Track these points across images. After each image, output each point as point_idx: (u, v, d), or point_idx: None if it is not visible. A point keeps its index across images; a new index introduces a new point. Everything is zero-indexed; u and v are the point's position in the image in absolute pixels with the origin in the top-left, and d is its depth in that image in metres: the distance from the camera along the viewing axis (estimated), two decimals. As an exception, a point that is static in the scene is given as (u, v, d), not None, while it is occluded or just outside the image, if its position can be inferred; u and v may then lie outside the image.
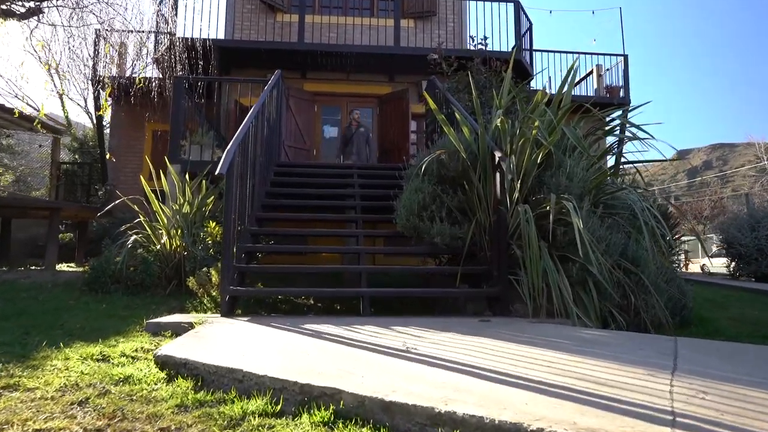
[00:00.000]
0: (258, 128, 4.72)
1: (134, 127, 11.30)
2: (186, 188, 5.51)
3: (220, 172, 3.21)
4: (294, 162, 7.19)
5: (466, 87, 5.61)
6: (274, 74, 6.13)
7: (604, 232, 3.33)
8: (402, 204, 4.18)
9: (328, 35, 9.74)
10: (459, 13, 10.55)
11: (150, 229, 5.31)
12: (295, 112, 9.30)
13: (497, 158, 3.60)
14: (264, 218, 4.81)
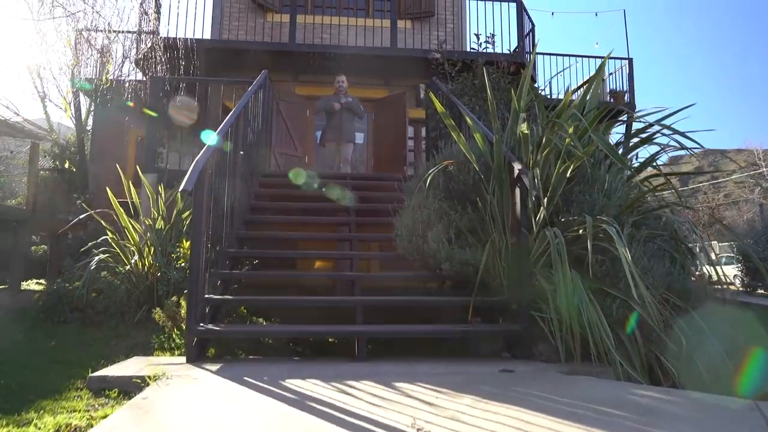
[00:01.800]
0: (239, 134, 4.15)
1: (117, 133, 10.71)
2: (160, 201, 4.93)
3: (186, 188, 2.64)
4: (282, 172, 6.61)
5: (469, 90, 5.08)
6: (261, 74, 5.56)
7: (649, 260, 2.77)
8: (403, 222, 3.62)
9: (321, 36, 9.20)
10: (458, 14, 10.04)
11: (118, 247, 4.72)
12: (286, 117, 8.74)
13: (516, 171, 3.04)
14: (246, 237, 4.24)
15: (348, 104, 7.08)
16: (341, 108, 7.10)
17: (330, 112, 7.19)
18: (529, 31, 9.44)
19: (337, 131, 7.19)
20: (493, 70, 5.08)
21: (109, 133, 10.84)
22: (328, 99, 7.25)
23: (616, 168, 3.17)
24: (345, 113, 7.19)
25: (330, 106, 7.14)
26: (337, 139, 7.23)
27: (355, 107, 7.20)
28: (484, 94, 5.08)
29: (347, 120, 7.22)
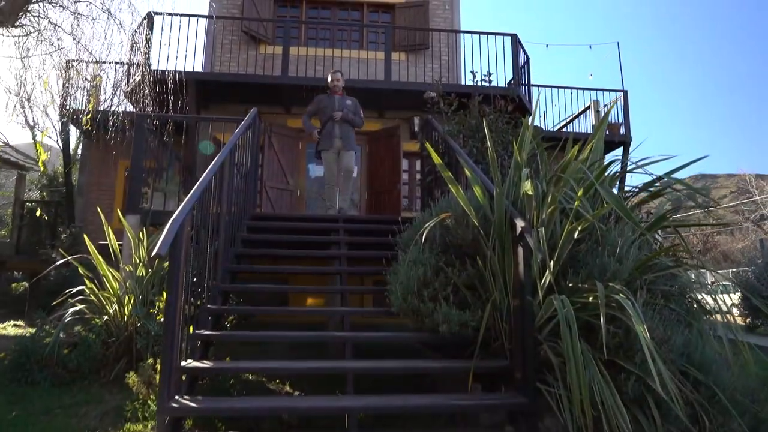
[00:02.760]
0: (224, 180, 3.93)
1: (105, 163, 10.50)
2: (141, 246, 4.68)
3: (159, 252, 2.40)
4: (271, 213, 6.39)
5: (467, 130, 4.90)
6: (249, 113, 5.37)
7: (664, 329, 2.55)
8: (398, 279, 3.38)
9: (314, 68, 9.08)
10: (453, 47, 9.98)
11: (96, 297, 4.45)
12: (278, 150, 8.57)
13: (519, 228, 2.83)
14: (231, 290, 3.99)
15: (345, 116, 6.23)
16: (342, 117, 6.26)
17: (324, 114, 6.35)
18: (524, 63, 9.37)
19: (334, 138, 6.24)
20: (491, 110, 4.91)
21: (97, 164, 10.63)
22: (321, 100, 6.45)
23: (625, 223, 2.96)
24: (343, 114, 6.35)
25: (323, 109, 6.35)
26: (336, 147, 6.27)
27: (353, 118, 6.35)
28: (481, 134, 4.91)
29: (346, 130, 6.33)
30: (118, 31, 7.07)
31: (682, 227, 3.33)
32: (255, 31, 9.41)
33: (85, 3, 6.83)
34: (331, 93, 6.48)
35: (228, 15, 9.62)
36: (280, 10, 10.14)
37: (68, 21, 6.77)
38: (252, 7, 9.53)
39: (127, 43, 7.40)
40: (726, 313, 2.92)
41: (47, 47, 6.78)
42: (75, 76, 8.02)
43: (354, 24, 10.15)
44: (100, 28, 6.92)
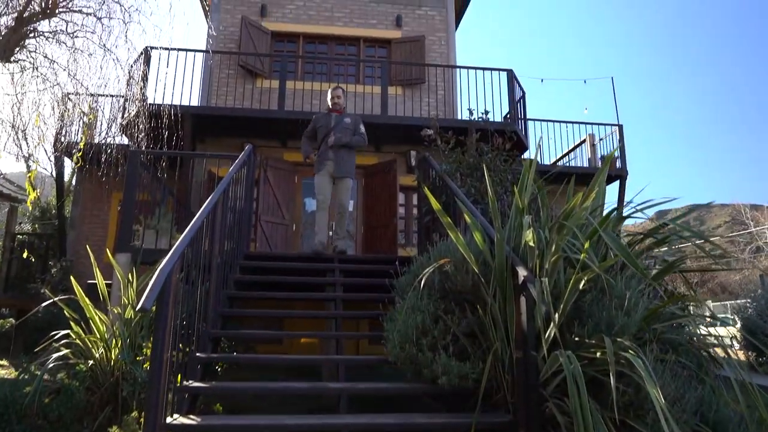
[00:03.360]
0: (217, 222, 3.83)
1: (99, 196, 10.42)
2: (130, 287, 4.54)
3: (145, 306, 2.28)
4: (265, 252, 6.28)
5: (465, 169, 4.84)
6: (244, 150, 5.31)
7: (676, 386, 2.42)
8: (395, 327, 3.25)
9: (310, 102, 9.10)
10: (449, 81, 10.04)
11: (81, 341, 4.29)
12: (274, 184, 8.49)
13: (521, 277, 2.72)
14: (221, 336, 3.84)
15: (338, 141, 5.66)
16: (337, 128, 5.79)
17: (320, 133, 5.89)
18: (520, 98, 9.42)
19: (326, 162, 5.73)
20: (488, 149, 4.86)
21: (90, 196, 10.55)
22: (318, 119, 6.05)
23: (630, 269, 2.86)
24: (342, 132, 5.78)
25: (319, 128, 5.91)
26: (328, 171, 5.74)
27: (349, 141, 5.76)
28: (479, 173, 4.85)
29: (344, 153, 5.77)
30: (114, 66, 7.04)
31: (688, 271, 3.23)
32: (252, 65, 9.44)
33: (82, 38, 6.82)
34: (330, 111, 6.03)
35: (225, 50, 9.67)
36: (277, 45, 10.21)
37: (64, 56, 6.75)
38: (249, 42, 9.59)
39: (124, 77, 7.37)
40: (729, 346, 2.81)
41: (43, 82, 6.76)
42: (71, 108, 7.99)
43: (351, 59, 10.21)
44: (96, 63, 6.90)
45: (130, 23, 6.67)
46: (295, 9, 10.24)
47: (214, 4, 10.10)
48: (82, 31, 6.70)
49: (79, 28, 6.69)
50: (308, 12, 10.24)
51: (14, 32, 6.07)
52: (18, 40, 6.26)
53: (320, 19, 10.23)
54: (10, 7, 6.07)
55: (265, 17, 10.04)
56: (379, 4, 10.45)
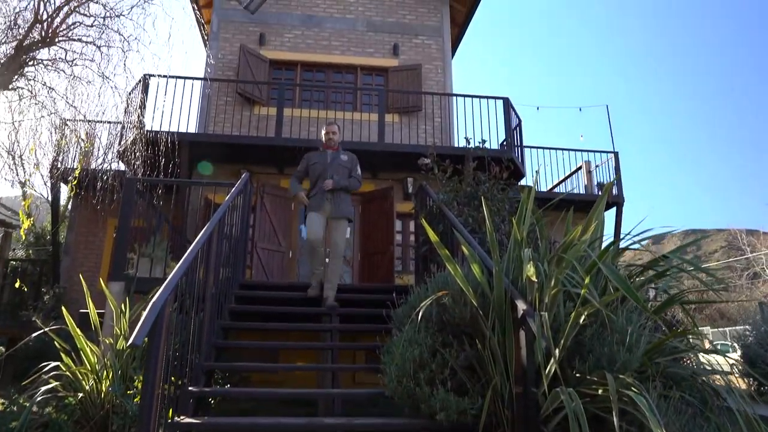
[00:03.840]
0: (212, 252, 3.78)
1: (94, 222, 10.37)
2: (123, 318, 4.47)
3: (135, 342, 2.23)
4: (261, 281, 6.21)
5: (462, 198, 4.82)
6: (241, 178, 5.29)
7: (681, 425, 2.36)
8: (393, 360, 3.19)
9: (308, 129, 9.14)
10: (446, 108, 10.11)
11: (71, 373, 4.20)
12: (270, 211, 8.47)
13: (521, 311, 2.68)
14: (214, 368, 3.77)
15: (337, 184, 5.24)
16: (332, 166, 5.34)
17: (314, 171, 5.40)
18: (517, 125, 9.48)
19: (323, 202, 5.24)
20: (486, 178, 4.86)
21: (85, 222, 10.49)
22: (310, 157, 5.55)
23: (630, 301, 2.82)
24: (338, 170, 5.33)
25: (312, 166, 5.43)
26: (326, 211, 5.25)
27: (347, 184, 5.33)
28: (477, 202, 4.84)
29: (338, 183, 5.29)
30: (112, 94, 7.06)
31: (689, 303, 3.20)
32: (250, 92, 9.51)
33: (81, 66, 6.86)
34: (324, 147, 5.52)
35: (223, 77, 9.74)
36: (275, 73, 10.31)
37: (63, 84, 6.78)
38: (247, 70, 9.67)
39: (122, 105, 7.40)
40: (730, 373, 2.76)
41: (40, 109, 6.77)
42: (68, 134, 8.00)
43: (348, 86, 10.30)
44: (94, 90, 6.92)
45: (129, 51, 6.71)
46: (293, 38, 10.36)
47: (213, 32, 10.21)
48: (81, 59, 6.74)
49: (78, 56, 6.73)
50: (306, 41, 10.37)
51: (13, 60, 6.10)
52: (17, 68, 6.29)
53: (318, 48, 10.35)
54: (9, 36, 6.11)
55: (264, 46, 10.15)
56: (376, 33, 10.59)
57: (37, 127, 6.73)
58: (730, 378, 2.75)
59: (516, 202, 4.83)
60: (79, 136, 7.71)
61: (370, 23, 10.63)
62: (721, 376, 2.81)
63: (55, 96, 6.91)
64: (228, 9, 10.30)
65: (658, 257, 2.93)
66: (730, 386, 2.75)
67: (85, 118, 7.00)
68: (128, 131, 7.96)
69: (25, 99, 6.70)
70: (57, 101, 6.94)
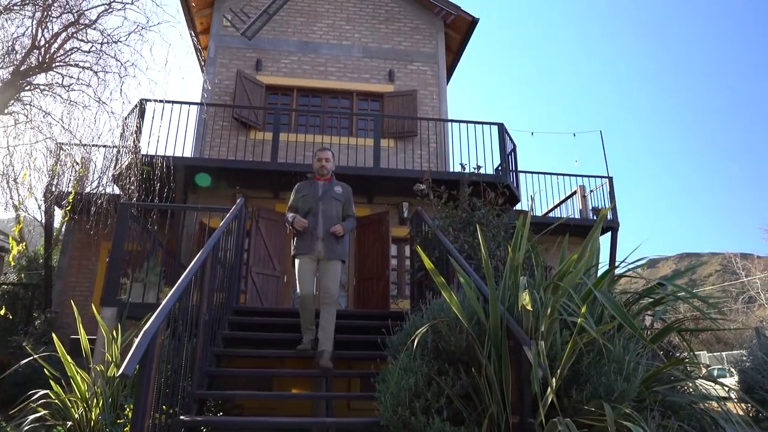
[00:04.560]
0: (206, 278, 3.76)
1: (87, 245, 10.29)
2: (114, 346, 4.41)
3: (125, 372, 2.19)
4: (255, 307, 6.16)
5: (457, 224, 4.83)
6: (236, 203, 5.29)
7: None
8: (388, 388, 3.15)
9: (303, 154, 9.19)
10: (441, 133, 10.20)
11: (60, 401, 4.12)
12: (265, 236, 8.45)
13: (517, 339, 2.66)
14: (207, 397, 3.71)
15: (337, 231, 4.48)
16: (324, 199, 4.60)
17: (304, 204, 4.64)
18: (511, 150, 9.55)
19: (314, 241, 4.47)
20: (481, 204, 4.87)
21: (78, 246, 10.43)
22: (300, 189, 4.77)
23: (628, 330, 2.81)
24: (331, 204, 4.60)
25: (302, 198, 4.67)
26: (317, 253, 4.47)
27: (347, 226, 4.61)
28: (472, 228, 4.84)
29: (332, 218, 4.56)
30: (108, 119, 7.08)
31: (686, 331, 3.18)
32: (246, 117, 9.56)
33: (78, 91, 6.89)
34: (314, 178, 4.78)
35: (220, 102, 9.81)
36: (271, 98, 10.38)
37: (59, 108, 6.80)
38: (244, 95, 9.75)
39: (117, 129, 7.42)
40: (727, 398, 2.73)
41: (36, 134, 6.78)
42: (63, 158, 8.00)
43: (344, 112, 10.39)
44: (90, 115, 6.95)
45: (126, 77, 6.75)
46: (289, 63, 10.47)
47: (210, 57, 10.31)
48: (78, 84, 6.77)
49: (75, 81, 6.77)
50: (302, 66, 10.48)
51: (10, 86, 6.13)
52: (13, 93, 6.32)
53: (314, 74, 10.46)
54: (6, 61, 6.15)
55: (260, 71, 10.25)
56: (372, 60, 10.72)
57: (32, 151, 6.73)
58: (728, 405, 2.72)
59: (512, 227, 4.84)
60: (74, 161, 7.72)
61: (366, 50, 10.78)
62: (719, 404, 2.79)
63: (50, 120, 6.94)
64: (225, 35, 10.43)
65: (654, 284, 2.92)
66: (728, 414, 2.73)
67: (80, 142, 7.02)
68: (124, 156, 7.97)
69: (20, 123, 6.72)
70: (53, 126, 6.96)
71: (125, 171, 7.70)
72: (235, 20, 9.79)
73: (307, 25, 10.82)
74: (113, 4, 6.36)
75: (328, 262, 4.50)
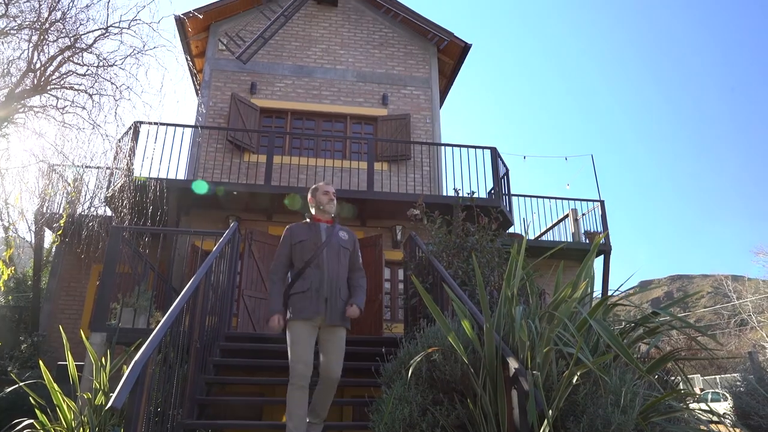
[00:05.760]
0: (197, 306, 3.71)
1: (77, 267, 10.18)
2: (103, 372, 4.32)
3: (115, 405, 2.14)
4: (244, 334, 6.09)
5: (451, 249, 4.82)
6: (229, 227, 5.26)
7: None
8: (382, 418, 3.10)
9: (297, 177, 9.21)
10: (434, 157, 10.26)
11: (46, 431, 4.02)
12: (258, 258, 8.40)
13: (513, 369, 2.64)
14: (196, 427, 3.63)
15: (353, 313, 3.54)
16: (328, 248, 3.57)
17: (302, 252, 3.56)
18: (504, 174, 9.61)
19: (318, 301, 3.44)
20: (475, 229, 4.87)
21: (68, 268, 10.31)
22: (296, 233, 3.65)
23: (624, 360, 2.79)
24: (337, 253, 3.60)
25: (300, 245, 3.58)
26: (319, 318, 3.43)
27: (359, 299, 3.65)
28: (466, 253, 4.84)
29: (339, 272, 3.58)
30: (102, 141, 7.07)
31: (682, 360, 3.16)
32: (240, 140, 9.59)
33: (72, 114, 6.89)
34: (314, 219, 3.73)
35: (214, 125, 9.84)
36: (265, 121, 10.43)
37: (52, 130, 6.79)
38: (238, 118, 9.78)
39: (111, 152, 7.40)
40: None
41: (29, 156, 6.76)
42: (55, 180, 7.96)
43: (338, 135, 10.44)
44: (84, 137, 6.94)
45: (121, 100, 6.76)
46: (284, 87, 10.55)
47: (205, 81, 10.37)
48: (73, 106, 6.77)
49: (70, 104, 6.77)
50: (297, 90, 10.55)
51: (4, 108, 6.12)
52: (7, 115, 6.31)
53: (308, 97, 10.53)
54: (1, 83, 6.15)
55: (255, 94, 10.31)
56: (365, 84, 10.82)
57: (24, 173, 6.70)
58: None
59: (506, 252, 4.84)
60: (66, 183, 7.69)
61: (360, 74, 10.88)
62: None
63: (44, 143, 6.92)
64: (220, 59, 10.51)
65: (649, 314, 2.92)
66: None
67: (73, 164, 6.99)
68: (117, 178, 7.94)
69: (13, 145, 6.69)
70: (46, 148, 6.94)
71: (118, 193, 7.67)
72: (230, 44, 9.88)
73: (302, 49, 10.93)
74: (110, 28, 6.39)
75: (334, 329, 3.48)
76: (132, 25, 6.45)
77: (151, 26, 6.42)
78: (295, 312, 3.46)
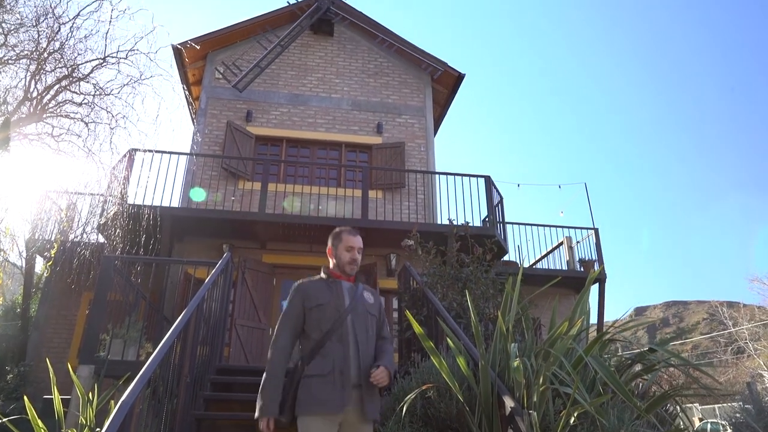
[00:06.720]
0: (188, 340, 3.65)
1: (67, 295, 10.02)
2: (89, 407, 4.22)
3: (101, 447, 2.08)
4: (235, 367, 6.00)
5: (446, 280, 4.79)
6: (223, 257, 5.22)
7: None
8: (375, 460, 3.03)
9: (292, 204, 9.18)
10: (429, 185, 10.29)
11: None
12: (251, 287, 8.33)
13: (509, 408, 2.59)
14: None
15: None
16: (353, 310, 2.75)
17: (320, 316, 2.67)
18: (498, 202, 9.63)
19: (344, 391, 2.54)
20: (470, 260, 4.85)
21: (59, 296, 10.17)
22: (311, 293, 2.76)
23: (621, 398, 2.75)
24: (365, 321, 2.77)
25: (317, 309, 2.69)
26: (346, 408, 2.54)
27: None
28: (460, 285, 4.80)
29: (368, 346, 2.73)
30: (96, 169, 7.06)
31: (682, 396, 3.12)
32: (235, 167, 9.60)
33: (67, 141, 6.89)
34: (332, 275, 2.88)
35: (209, 152, 9.85)
36: (260, 148, 10.46)
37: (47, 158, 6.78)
38: (233, 145, 9.81)
39: (105, 179, 7.38)
40: None
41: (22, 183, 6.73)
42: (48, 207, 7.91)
43: (332, 163, 10.47)
44: (78, 165, 6.92)
45: (117, 128, 6.77)
46: (279, 115, 10.62)
47: (201, 108, 10.43)
48: (68, 134, 6.78)
49: (66, 131, 6.78)
50: (292, 118, 10.62)
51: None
52: (2, 143, 6.30)
53: (303, 125, 10.60)
54: (-3, 113, 6.16)
55: (250, 122, 10.37)
56: (360, 112, 10.91)
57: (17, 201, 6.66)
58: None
59: (501, 283, 4.81)
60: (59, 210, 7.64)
61: (355, 103, 10.98)
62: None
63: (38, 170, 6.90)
64: (217, 87, 10.59)
65: (646, 351, 2.89)
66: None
67: (66, 191, 6.96)
68: (110, 205, 7.90)
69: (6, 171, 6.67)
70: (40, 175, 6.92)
71: (111, 221, 7.62)
72: (227, 73, 9.97)
73: (298, 78, 11.04)
74: (108, 58, 6.44)
75: (361, 426, 2.65)
76: (130, 55, 6.51)
77: (148, 56, 6.48)
78: (309, 404, 2.50)
